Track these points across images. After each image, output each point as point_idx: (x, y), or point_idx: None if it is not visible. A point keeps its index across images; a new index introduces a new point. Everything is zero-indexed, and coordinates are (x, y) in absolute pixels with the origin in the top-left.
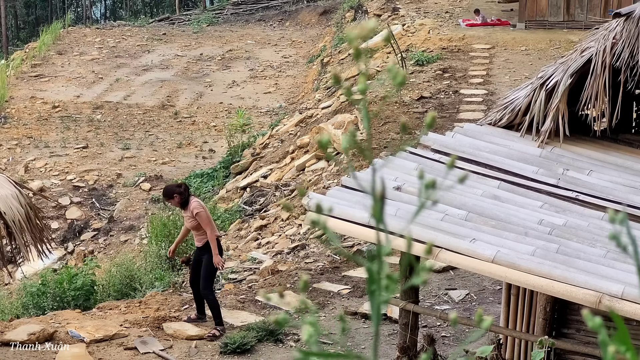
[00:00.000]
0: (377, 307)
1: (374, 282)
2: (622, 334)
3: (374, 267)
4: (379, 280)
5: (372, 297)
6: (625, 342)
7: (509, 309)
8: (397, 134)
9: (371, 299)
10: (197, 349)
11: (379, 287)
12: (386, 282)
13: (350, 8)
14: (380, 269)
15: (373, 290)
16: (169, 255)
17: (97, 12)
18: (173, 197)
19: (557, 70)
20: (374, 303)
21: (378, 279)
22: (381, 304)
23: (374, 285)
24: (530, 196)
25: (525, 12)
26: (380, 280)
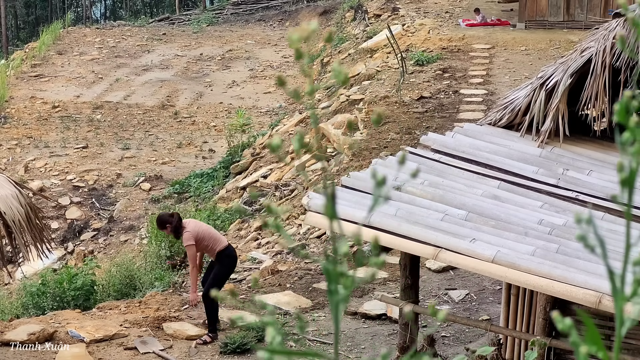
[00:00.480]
0: (335, 305)
1: (332, 282)
2: (592, 334)
3: (330, 266)
4: (337, 281)
5: (331, 297)
6: (596, 342)
7: (509, 309)
8: (397, 134)
9: (330, 298)
10: (197, 349)
11: (337, 287)
12: (343, 281)
13: (350, 8)
14: (337, 268)
15: (331, 291)
16: None
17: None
18: (165, 227)
19: (557, 70)
20: (332, 302)
21: (335, 278)
22: (340, 302)
23: (332, 285)
24: (530, 196)
25: (525, 12)
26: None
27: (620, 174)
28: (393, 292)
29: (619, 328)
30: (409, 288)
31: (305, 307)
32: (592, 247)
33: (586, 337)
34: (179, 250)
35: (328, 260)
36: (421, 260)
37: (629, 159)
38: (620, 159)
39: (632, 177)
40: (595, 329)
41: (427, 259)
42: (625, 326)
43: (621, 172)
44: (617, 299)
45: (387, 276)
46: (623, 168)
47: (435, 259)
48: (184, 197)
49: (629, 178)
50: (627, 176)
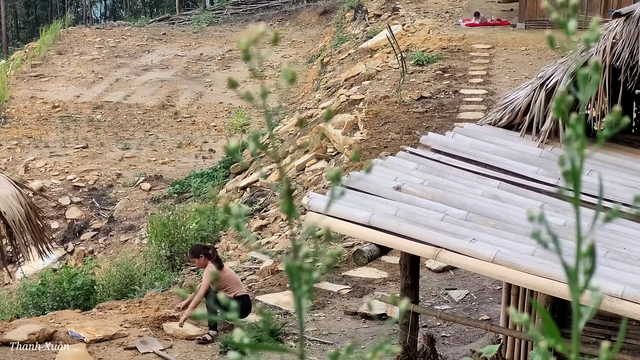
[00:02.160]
0: (298, 300)
1: (294, 279)
2: (549, 326)
3: (293, 264)
4: (299, 277)
5: (294, 292)
6: (554, 334)
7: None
8: (397, 134)
9: (294, 294)
10: (196, 349)
11: (299, 282)
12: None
13: (350, 8)
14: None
15: (295, 287)
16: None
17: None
18: (199, 257)
19: (557, 70)
20: (296, 298)
21: (297, 274)
22: (302, 297)
23: (295, 282)
24: (530, 196)
25: (525, 12)
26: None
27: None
28: (393, 292)
29: (576, 321)
30: (409, 288)
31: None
32: (544, 243)
33: (543, 329)
34: (178, 250)
35: (290, 258)
36: (421, 260)
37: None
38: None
39: (576, 172)
40: (552, 321)
41: (427, 259)
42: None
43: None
44: (573, 291)
45: (387, 276)
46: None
47: (435, 259)
48: (184, 197)
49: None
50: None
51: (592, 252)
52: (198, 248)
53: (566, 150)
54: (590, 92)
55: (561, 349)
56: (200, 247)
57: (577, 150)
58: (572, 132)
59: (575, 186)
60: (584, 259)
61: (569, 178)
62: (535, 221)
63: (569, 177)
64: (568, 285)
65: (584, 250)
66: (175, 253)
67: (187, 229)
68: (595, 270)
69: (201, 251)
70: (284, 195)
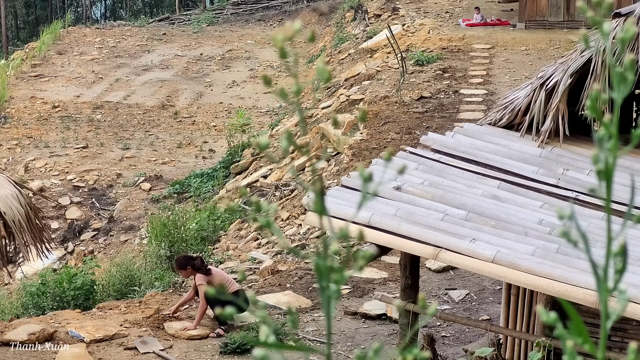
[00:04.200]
0: (327, 300)
1: (323, 278)
2: (577, 325)
3: (322, 263)
4: (327, 276)
5: (323, 292)
6: (581, 334)
7: (509, 309)
8: (397, 134)
9: (322, 294)
10: (197, 349)
11: (328, 283)
12: (334, 277)
13: (350, 8)
14: (327, 264)
15: (323, 287)
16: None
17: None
18: (186, 269)
19: (557, 70)
20: (324, 298)
21: (326, 274)
22: (332, 297)
23: (323, 281)
24: (530, 196)
25: (525, 12)
26: (328, 276)
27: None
28: (393, 292)
29: (604, 321)
30: (409, 288)
31: (305, 307)
32: (574, 242)
33: (571, 329)
34: (178, 250)
35: (319, 257)
36: (421, 260)
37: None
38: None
39: (609, 171)
40: (581, 321)
41: (427, 259)
42: (610, 320)
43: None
44: (601, 291)
45: (387, 276)
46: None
47: (435, 259)
48: (184, 197)
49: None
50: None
51: (623, 252)
52: (184, 260)
53: (599, 150)
54: (625, 91)
55: (588, 349)
56: (186, 259)
57: (609, 150)
58: (606, 131)
59: (608, 185)
60: (615, 258)
61: (602, 177)
62: (565, 220)
63: (602, 176)
64: (596, 285)
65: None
66: (175, 253)
67: (187, 229)
68: (625, 271)
69: (188, 262)
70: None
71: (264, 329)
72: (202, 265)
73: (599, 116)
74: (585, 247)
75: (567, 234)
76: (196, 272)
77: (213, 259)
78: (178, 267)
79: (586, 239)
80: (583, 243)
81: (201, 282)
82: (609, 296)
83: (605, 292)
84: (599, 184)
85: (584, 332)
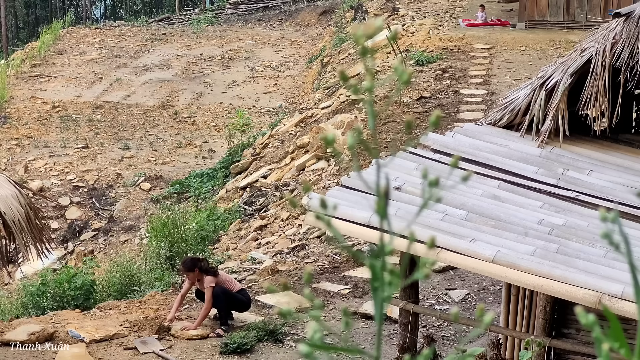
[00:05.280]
0: (380, 303)
1: (377, 278)
2: (616, 330)
3: (377, 264)
4: (382, 277)
5: (375, 294)
6: (619, 338)
7: (509, 309)
8: (397, 134)
9: (374, 295)
10: (197, 349)
11: (382, 284)
12: (389, 278)
13: (350, 8)
14: (383, 265)
15: (376, 287)
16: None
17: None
18: (194, 271)
19: (557, 70)
20: (377, 299)
21: (381, 275)
22: (384, 300)
23: (377, 282)
24: (530, 196)
25: (525, 12)
26: (383, 277)
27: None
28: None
29: None
30: (409, 288)
31: (305, 307)
32: (616, 245)
33: (609, 333)
34: (178, 250)
35: (374, 257)
36: None
37: None
38: None
39: None
40: (619, 325)
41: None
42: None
43: None
44: (638, 295)
45: None
46: None
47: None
48: (184, 197)
49: None
50: None
51: None
52: (191, 262)
53: None
54: None
55: (625, 354)
56: (193, 261)
57: None
58: None
59: None
60: None
61: None
62: (608, 222)
63: None
64: (634, 288)
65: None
66: (175, 253)
67: (187, 229)
68: None
69: (195, 264)
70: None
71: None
72: (209, 267)
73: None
74: (627, 250)
75: (609, 236)
76: (204, 274)
77: (213, 259)
78: (185, 269)
79: (628, 242)
80: (625, 246)
81: (211, 283)
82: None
83: None
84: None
85: (622, 336)
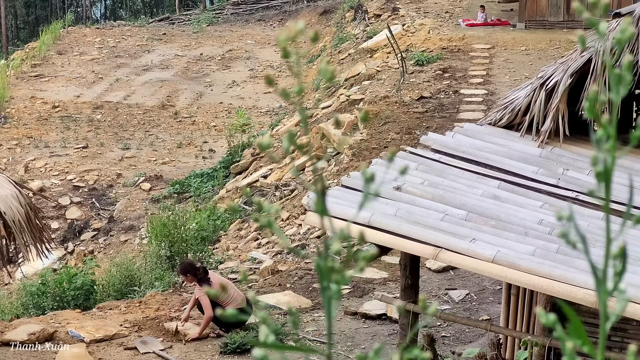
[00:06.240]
0: (328, 300)
1: (324, 277)
2: (576, 327)
3: (323, 262)
4: (329, 275)
5: (324, 292)
6: (580, 335)
7: (509, 309)
8: (397, 134)
9: (322, 294)
10: (196, 349)
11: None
12: (335, 276)
13: (350, 8)
14: (328, 264)
15: (324, 286)
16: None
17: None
18: (186, 276)
19: (557, 70)
20: (325, 297)
21: (328, 274)
22: (332, 297)
23: (324, 280)
24: (530, 196)
25: (525, 12)
26: (330, 275)
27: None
28: (393, 292)
29: (602, 323)
30: (409, 288)
31: (305, 307)
32: (573, 244)
33: (570, 330)
34: (178, 250)
35: (320, 257)
36: (421, 260)
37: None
38: (595, 153)
39: (607, 172)
40: (580, 323)
41: (427, 259)
42: (609, 322)
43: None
44: (600, 293)
45: (387, 276)
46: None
47: (435, 259)
48: (184, 197)
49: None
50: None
51: (623, 254)
52: (184, 267)
53: (598, 151)
54: (623, 92)
55: (588, 350)
56: (187, 267)
57: (608, 151)
58: (604, 133)
59: (607, 187)
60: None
61: (600, 178)
62: (564, 221)
63: (601, 178)
64: (595, 286)
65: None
66: (175, 253)
67: (187, 229)
68: (625, 272)
69: (188, 270)
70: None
71: (264, 329)
72: (204, 276)
73: (596, 117)
74: (584, 249)
75: (566, 235)
76: (197, 282)
77: (213, 259)
78: (179, 271)
79: (585, 240)
80: (582, 244)
81: (200, 294)
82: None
83: (604, 294)
84: (598, 185)
85: (583, 333)
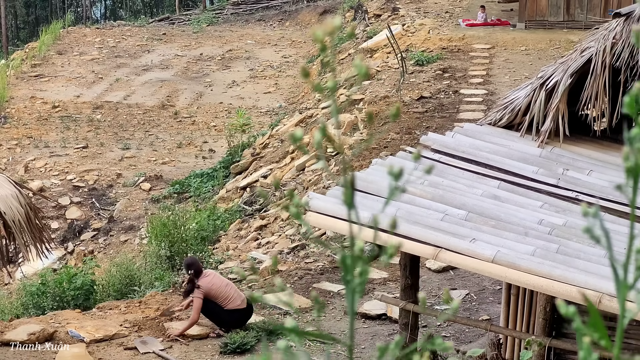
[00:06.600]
0: (351, 293)
1: (348, 271)
2: (595, 320)
3: (348, 257)
4: (352, 269)
5: (347, 285)
6: (599, 329)
7: (509, 309)
8: (397, 134)
9: (346, 287)
10: (196, 349)
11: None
12: (359, 269)
13: (350, 8)
14: (353, 258)
15: (348, 280)
16: None
17: (97, 12)
18: (188, 272)
19: (557, 70)
20: (348, 290)
21: (352, 268)
22: (356, 290)
23: (348, 274)
24: (530, 196)
25: (525, 12)
26: (354, 269)
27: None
28: (393, 292)
29: (621, 318)
30: (409, 288)
31: (305, 307)
32: (597, 239)
33: (589, 324)
34: (178, 250)
35: (344, 251)
36: (421, 260)
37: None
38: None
39: (638, 169)
40: (599, 317)
41: (427, 259)
42: (628, 316)
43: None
44: (620, 287)
45: (387, 276)
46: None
47: (435, 259)
48: (184, 197)
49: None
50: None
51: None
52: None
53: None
54: None
55: (605, 345)
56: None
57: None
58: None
59: (635, 184)
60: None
61: (630, 175)
62: (590, 216)
63: (631, 174)
64: (615, 281)
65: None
66: (175, 253)
67: (187, 229)
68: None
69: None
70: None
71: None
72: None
73: (635, 115)
74: (607, 244)
75: (591, 230)
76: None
77: (213, 259)
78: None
79: (608, 236)
80: (605, 240)
81: (197, 294)
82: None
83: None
84: (626, 181)
85: (602, 327)
